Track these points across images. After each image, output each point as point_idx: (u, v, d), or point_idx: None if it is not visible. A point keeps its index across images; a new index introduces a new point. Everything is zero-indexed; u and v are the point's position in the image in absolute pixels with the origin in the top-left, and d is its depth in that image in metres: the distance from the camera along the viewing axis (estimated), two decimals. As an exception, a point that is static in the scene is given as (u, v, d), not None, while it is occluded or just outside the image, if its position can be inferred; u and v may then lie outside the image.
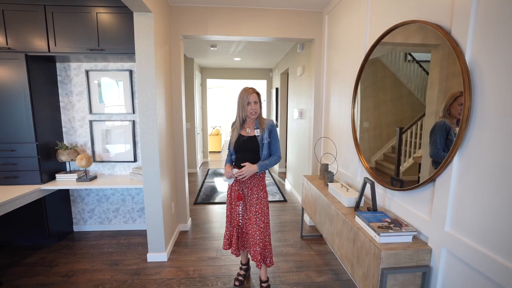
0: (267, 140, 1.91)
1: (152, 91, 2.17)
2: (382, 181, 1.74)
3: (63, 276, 2.13)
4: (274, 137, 1.94)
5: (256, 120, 1.94)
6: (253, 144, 1.91)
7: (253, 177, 1.93)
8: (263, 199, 1.94)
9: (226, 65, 6.21)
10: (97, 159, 2.79)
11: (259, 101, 1.91)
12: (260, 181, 1.97)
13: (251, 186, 1.95)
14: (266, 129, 1.91)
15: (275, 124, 1.98)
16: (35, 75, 2.34)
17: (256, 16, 2.75)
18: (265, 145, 1.91)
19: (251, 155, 1.92)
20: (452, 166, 1.19)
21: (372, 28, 1.91)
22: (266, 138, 1.91)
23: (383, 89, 1.89)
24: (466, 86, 1.10)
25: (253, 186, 1.94)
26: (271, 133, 1.93)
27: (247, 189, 1.96)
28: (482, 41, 1.07)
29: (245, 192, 1.97)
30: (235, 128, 1.98)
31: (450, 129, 1.24)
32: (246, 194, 1.97)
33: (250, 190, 1.95)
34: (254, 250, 1.89)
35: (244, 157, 1.93)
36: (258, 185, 1.95)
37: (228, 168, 1.97)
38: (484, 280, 1.07)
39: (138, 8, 2.00)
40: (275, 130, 1.95)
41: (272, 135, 1.93)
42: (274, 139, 1.94)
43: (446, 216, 1.23)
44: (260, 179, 1.97)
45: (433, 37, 1.32)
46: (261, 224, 1.91)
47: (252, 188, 1.95)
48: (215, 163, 6.77)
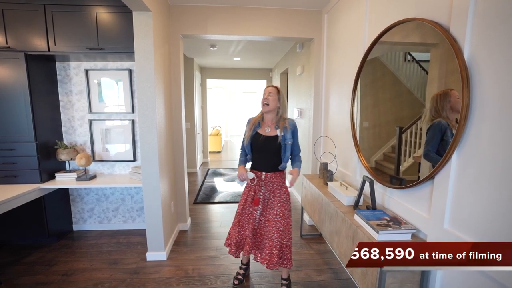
0: (290, 141, 1.80)
1: (151, 90, 2.17)
2: (382, 180, 1.74)
3: (62, 275, 2.13)
4: (297, 138, 1.86)
5: (276, 119, 1.84)
6: (274, 145, 1.79)
7: (274, 179, 1.85)
8: (285, 202, 1.84)
9: (226, 65, 6.22)
10: (97, 158, 2.79)
11: (276, 96, 1.82)
12: (282, 183, 1.87)
13: (273, 189, 1.85)
14: (289, 129, 1.80)
15: (296, 123, 1.88)
16: (35, 74, 2.34)
17: (255, 16, 2.75)
18: (287, 147, 1.79)
19: (271, 156, 1.82)
20: (450, 163, 1.19)
21: (371, 26, 1.91)
22: (289, 139, 1.79)
23: (382, 87, 1.89)
24: (465, 83, 1.10)
25: (275, 189, 1.85)
26: (294, 134, 1.83)
27: (269, 192, 1.86)
28: (480, 38, 1.07)
29: (266, 195, 1.87)
30: (252, 124, 1.87)
31: (446, 130, 1.24)
32: (267, 197, 1.87)
33: (272, 193, 1.86)
34: (270, 252, 1.78)
35: (264, 158, 1.84)
36: (281, 188, 1.85)
37: (242, 170, 1.86)
38: (483, 278, 1.07)
39: (137, 7, 2.01)
40: (297, 130, 1.86)
41: (295, 135, 1.84)
42: (296, 138, 1.86)
43: (445, 213, 1.23)
44: (282, 181, 1.88)
45: (431, 34, 1.32)
46: (280, 227, 1.80)
47: (275, 191, 1.85)
48: (215, 163, 6.77)
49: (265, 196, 1.88)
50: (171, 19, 2.68)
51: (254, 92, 12.24)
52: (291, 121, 1.84)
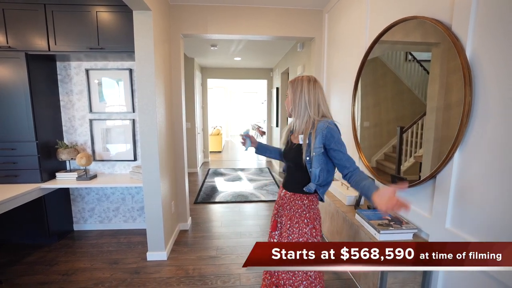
0: (319, 151, 1.22)
1: (151, 89, 2.16)
2: (383, 180, 1.73)
3: (63, 275, 2.13)
4: (337, 140, 1.21)
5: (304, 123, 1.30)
6: (295, 156, 1.31)
7: (293, 203, 1.34)
8: (308, 236, 1.28)
9: (226, 65, 6.22)
10: (97, 158, 2.79)
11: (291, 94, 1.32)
12: (303, 211, 1.31)
13: (290, 215, 1.34)
14: (315, 133, 1.23)
15: (333, 123, 1.25)
16: (35, 74, 2.34)
17: (256, 15, 2.74)
18: (315, 158, 1.23)
19: (293, 171, 1.37)
20: (452, 162, 1.18)
21: (372, 25, 1.90)
22: (318, 147, 1.22)
23: (383, 86, 1.88)
24: (467, 81, 1.09)
25: (293, 215, 1.33)
26: (328, 139, 1.21)
27: (285, 217, 1.36)
28: (483, 36, 1.06)
29: (282, 220, 1.39)
30: (288, 128, 1.47)
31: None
32: (283, 223, 1.37)
33: (289, 220, 1.34)
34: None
35: (287, 171, 1.44)
36: (300, 216, 1.31)
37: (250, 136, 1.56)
38: (486, 278, 1.06)
39: (137, 7, 2.00)
40: (336, 134, 1.22)
41: (331, 141, 1.21)
42: (338, 143, 1.21)
43: (446, 213, 1.22)
44: (305, 208, 1.31)
45: (432, 33, 1.31)
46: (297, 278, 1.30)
47: (292, 218, 1.33)
48: (215, 163, 6.77)
49: (281, 221, 1.40)
50: (172, 19, 2.68)
51: (255, 92, 12.24)
52: (323, 122, 1.24)
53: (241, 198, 4.00)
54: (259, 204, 3.79)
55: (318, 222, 1.33)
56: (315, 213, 1.32)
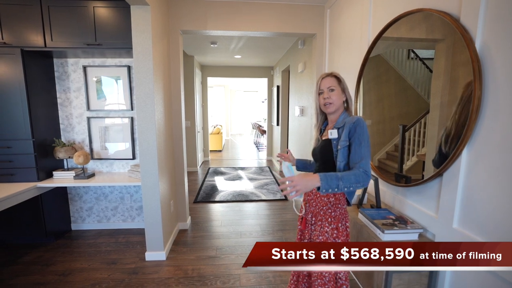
0: (344, 144, 1.18)
1: (149, 86, 2.12)
2: (386, 178, 1.69)
3: (59, 275, 2.09)
4: (357, 138, 1.15)
5: (339, 117, 1.27)
6: (325, 151, 1.26)
7: (318, 200, 1.26)
8: (329, 236, 1.21)
9: (226, 63, 6.17)
10: (95, 156, 2.75)
11: (339, 88, 1.25)
12: (328, 209, 1.24)
13: (315, 212, 1.29)
14: (345, 128, 1.20)
15: (361, 120, 1.18)
16: (32, 70, 2.30)
17: (256, 10, 2.69)
18: (340, 151, 1.19)
19: (319, 168, 1.31)
20: (461, 159, 1.14)
21: (375, 20, 1.85)
22: (344, 139, 1.18)
23: (386, 82, 1.84)
24: (476, 75, 1.04)
25: (318, 213, 1.27)
26: (352, 131, 1.17)
27: (311, 214, 1.31)
28: (493, 27, 1.01)
29: (308, 218, 1.33)
30: (319, 128, 1.38)
31: None
32: (310, 221, 1.32)
33: (314, 217, 1.30)
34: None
35: (316, 168, 1.35)
36: (324, 214, 1.24)
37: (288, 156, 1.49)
38: (495, 279, 1.02)
39: (135, 1, 1.96)
40: (360, 129, 1.16)
41: (353, 135, 1.17)
42: (357, 140, 1.15)
43: (454, 212, 1.18)
44: (331, 206, 1.24)
45: (439, 26, 1.26)
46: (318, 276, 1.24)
47: (316, 215, 1.28)
48: (215, 162, 6.73)
49: (307, 218, 1.34)
50: (170, 14, 2.63)
51: (255, 90, 12.19)
52: (352, 117, 1.22)
53: (241, 197, 3.96)
54: (260, 203, 3.75)
55: (343, 224, 1.23)
56: (341, 213, 1.24)
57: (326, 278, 1.22)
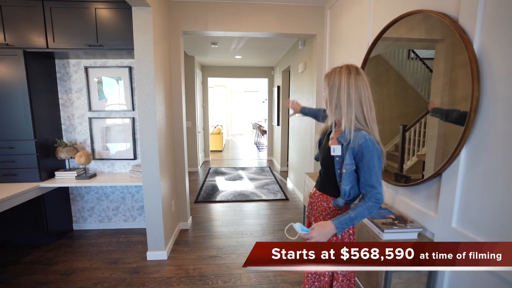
0: (350, 168, 1.06)
1: (151, 86, 2.13)
2: (386, 178, 1.70)
3: (62, 275, 2.11)
4: (366, 165, 1.04)
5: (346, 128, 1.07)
6: (328, 164, 1.16)
7: (320, 202, 1.21)
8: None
9: (227, 63, 6.18)
10: (97, 156, 2.76)
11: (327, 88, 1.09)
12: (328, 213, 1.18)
13: (316, 215, 1.25)
14: (349, 148, 1.05)
15: (372, 140, 1.04)
16: (34, 71, 2.31)
17: (256, 11, 2.71)
18: (345, 175, 1.07)
19: (324, 175, 1.21)
20: (459, 159, 1.15)
21: (375, 21, 1.86)
22: (350, 163, 1.06)
23: (386, 82, 1.85)
24: (475, 75, 1.05)
25: (317, 217, 1.23)
26: (358, 156, 1.04)
27: (313, 216, 1.28)
28: (491, 28, 1.02)
29: (310, 220, 1.31)
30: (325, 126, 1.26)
31: None
32: (311, 223, 1.29)
33: (314, 220, 1.26)
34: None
35: (320, 171, 1.26)
36: (324, 218, 1.18)
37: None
38: (494, 279, 1.03)
39: (136, 3, 1.97)
40: (369, 153, 1.02)
41: (361, 160, 1.04)
42: (366, 168, 1.04)
43: (453, 211, 1.19)
44: (330, 210, 1.18)
45: (438, 27, 1.28)
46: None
47: (316, 219, 1.24)
48: (216, 162, 6.74)
49: (309, 220, 1.31)
50: (171, 15, 2.64)
51: (256, 91, 12.20)
52: (361, 134, 1.04)
53: (242, 197, 3.98)
54: (260, 203, 3.76)
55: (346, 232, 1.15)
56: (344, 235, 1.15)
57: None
